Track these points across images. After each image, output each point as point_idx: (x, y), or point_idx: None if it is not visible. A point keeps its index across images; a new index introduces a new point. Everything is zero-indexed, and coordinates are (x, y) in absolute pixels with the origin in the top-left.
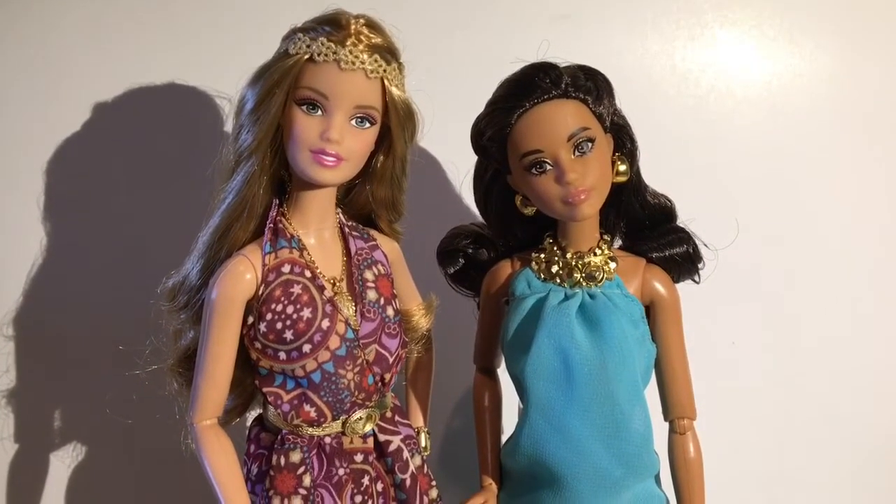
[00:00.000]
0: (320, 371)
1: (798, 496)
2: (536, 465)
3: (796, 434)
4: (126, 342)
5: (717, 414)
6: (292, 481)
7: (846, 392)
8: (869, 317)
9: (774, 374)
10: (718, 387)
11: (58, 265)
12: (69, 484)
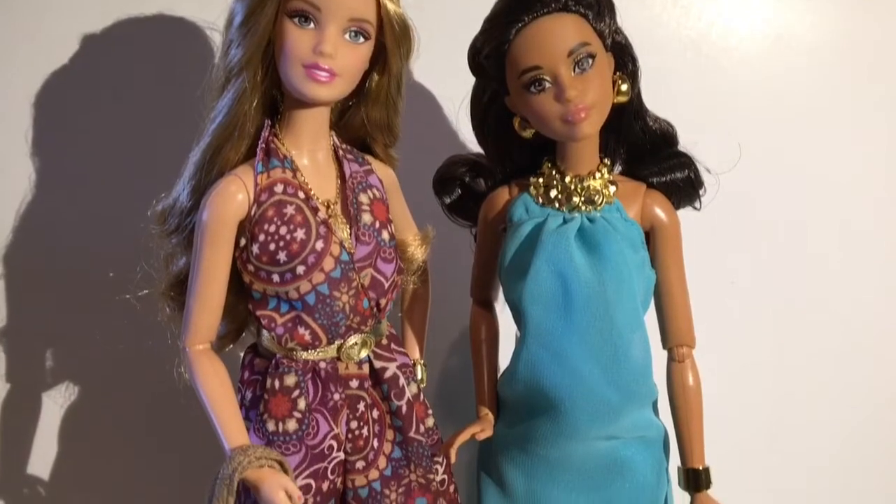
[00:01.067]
0: (314, 293)
1: (798, 432)
2: (534, 393)
3: (796, 373)
4: (117, 269)
5: (717, 352)
6: (287, 405)
7: (847, 330)
8: (872, 252)
9: (774, 314)
10: (717, 326)
11: (47, 199)
12: (62, 424)
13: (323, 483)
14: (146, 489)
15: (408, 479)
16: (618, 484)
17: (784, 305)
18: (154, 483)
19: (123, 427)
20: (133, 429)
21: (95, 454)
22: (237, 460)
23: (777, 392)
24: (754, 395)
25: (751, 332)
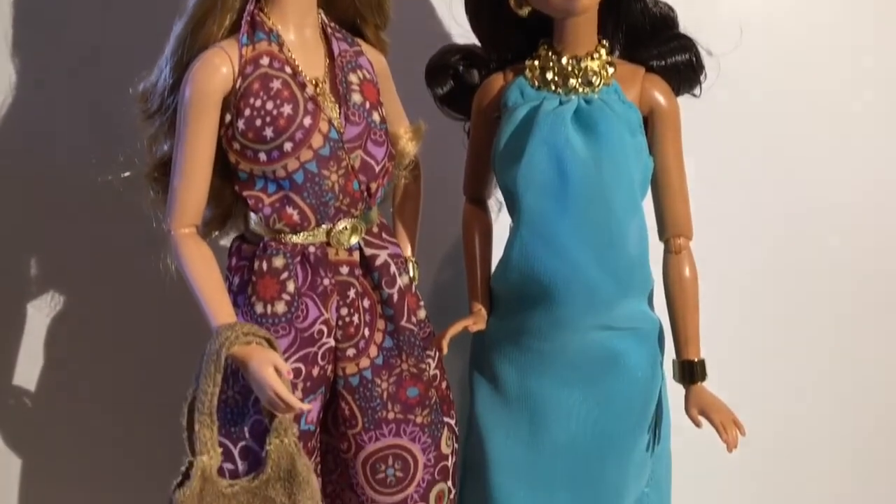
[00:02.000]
0: (303, 171)
1: (794, 323)
2: (527, 282)
3: (794, 280)
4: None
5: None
6: (275, 286)
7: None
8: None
9: (772, 219)
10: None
11: (24, 94)
12: (48, 333)
13: (313, 368)
14: (135, 389)
15: (399, 369)
16: (612, 377)
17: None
18: (143, 381)
19: (111, 328)
20: (122, 328)
21: (83, 360)
22: (224, 335)
23: (776, 292)
24: (751, 295)
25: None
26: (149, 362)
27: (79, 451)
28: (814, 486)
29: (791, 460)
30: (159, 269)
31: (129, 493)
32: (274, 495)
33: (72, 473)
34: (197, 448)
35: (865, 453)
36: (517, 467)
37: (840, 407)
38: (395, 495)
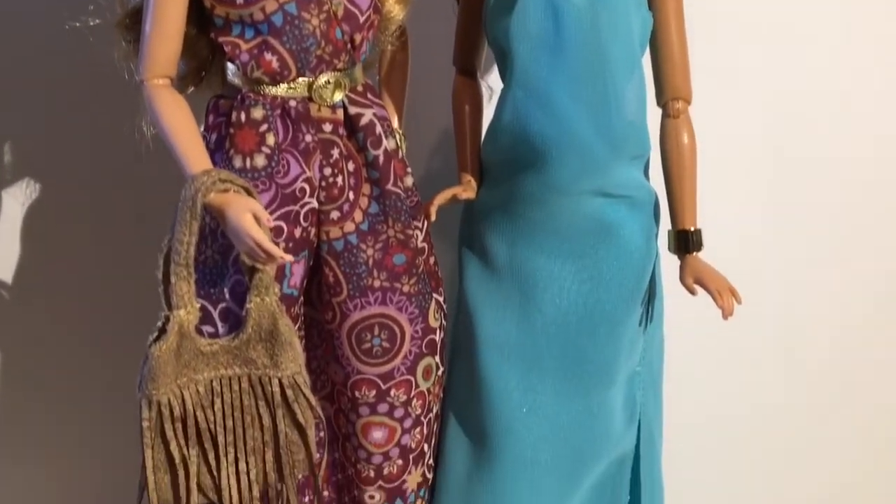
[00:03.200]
0: (281, 13)
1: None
2: (519, 145)
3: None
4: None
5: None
6: (254, 138)
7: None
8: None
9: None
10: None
11: None
12: (24, 223)
13: (295, 229)
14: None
15: (385, 235)
16: (605, 249)
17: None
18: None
19: (87, 198)
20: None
21: (55, 240)
22: (199, 181)
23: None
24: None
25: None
26: (126, 236)
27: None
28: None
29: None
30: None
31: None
32: (255, 357)
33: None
34: (173, 302)
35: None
36: (506, 345)
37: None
38: (382, 366)
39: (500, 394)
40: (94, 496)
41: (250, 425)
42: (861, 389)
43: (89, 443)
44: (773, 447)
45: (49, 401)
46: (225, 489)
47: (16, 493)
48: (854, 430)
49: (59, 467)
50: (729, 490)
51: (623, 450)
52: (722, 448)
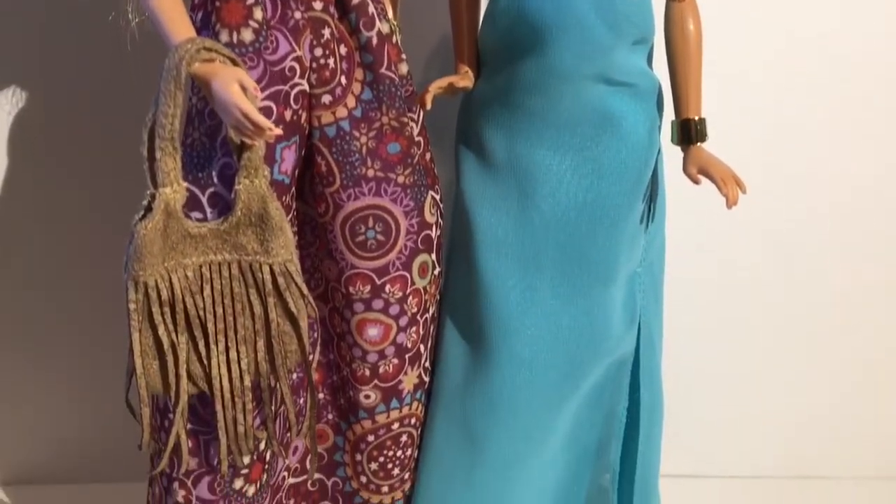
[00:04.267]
0: None
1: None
2: (517, 28)
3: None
4: None
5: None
6: (241, 11)
7: None
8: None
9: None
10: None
11: None
12: (11, 131)
13: (285, 111)
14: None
15: (379, 123)
16: (606, 140)
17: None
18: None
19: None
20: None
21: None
22: (183, 49)
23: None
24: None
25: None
26: (110, 125)
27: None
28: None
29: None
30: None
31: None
32: (245, 242)
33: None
34: (159, 179)
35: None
36: (504, 243)
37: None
38: (376, 261)
39: (497, 293)
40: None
41: (241, 314)
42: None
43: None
44: (774, 349)
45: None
46: (215, 378)
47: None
48: (855, 328)
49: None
50: (728, 393)
51: (623, 352)
52: (722, 352)
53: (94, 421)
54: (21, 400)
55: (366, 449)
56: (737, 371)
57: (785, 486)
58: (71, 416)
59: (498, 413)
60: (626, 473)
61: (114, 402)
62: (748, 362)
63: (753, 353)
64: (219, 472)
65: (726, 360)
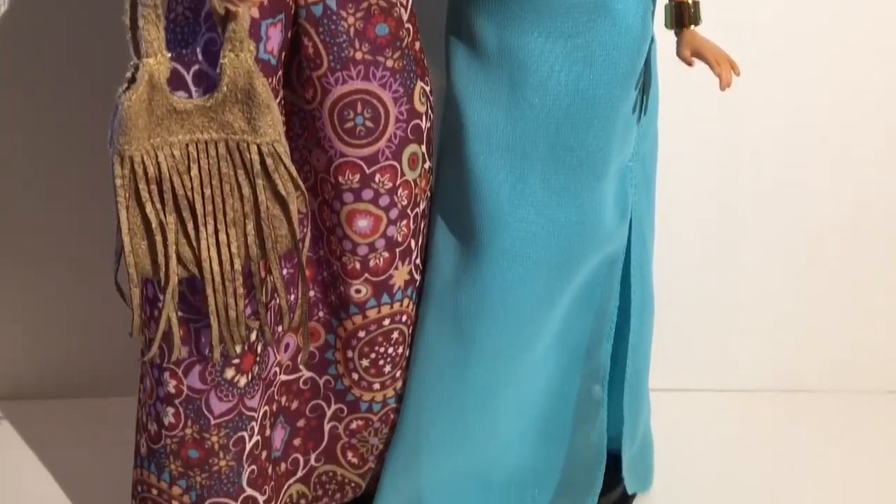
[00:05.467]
0: None
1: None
2: None
3: None
4: None
5: None
6: None
7: None
8: None
9: None
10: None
11: None
12: None
13: None
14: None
15: (367, 2)
16: (598, 26)
17: None
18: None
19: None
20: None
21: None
22: None
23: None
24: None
25: None
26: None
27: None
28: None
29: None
30: None
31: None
32: (232, 120)
33: None
34: (142, 49)
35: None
36: (495, 135)
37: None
38: (365, 148)
39: (488, 186)
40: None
41: (229, 195)
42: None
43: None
44: (766, 261)
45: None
46: (205, 261)
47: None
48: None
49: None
50: (718, 306)
51: (614, 248)
52: (712, 264)
53: (86, 335)
54: (10, 314)
55: (357, 345)
56: (727, 283)
57: (775, 400)
58: (61, 330)
59: (489, 309)
60: (616, 378)
61: (106, 316)
62: (739, 274)
63: (744, 265)
64: (210, 361)
65: (717, 271)
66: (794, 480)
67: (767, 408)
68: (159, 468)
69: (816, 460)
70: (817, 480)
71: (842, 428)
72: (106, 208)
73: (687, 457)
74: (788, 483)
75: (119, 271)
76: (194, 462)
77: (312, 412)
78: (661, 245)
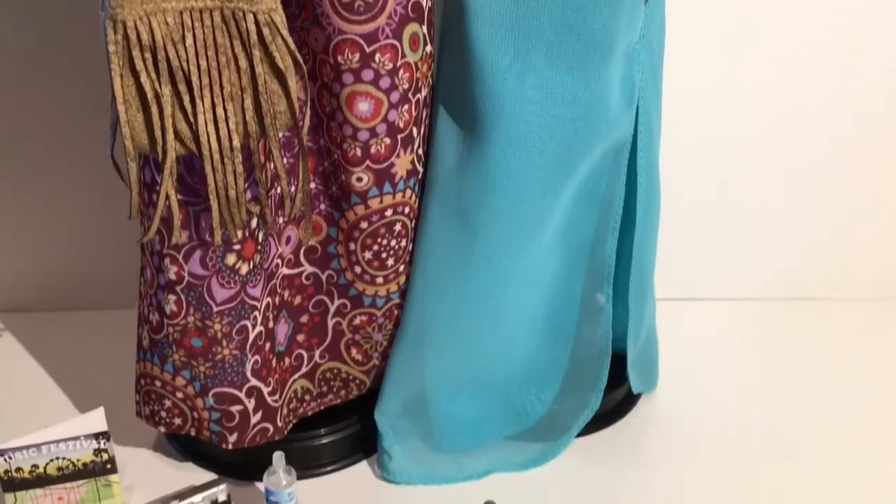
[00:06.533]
0: None
1: None
2: None
3: None
4: None
5: None
6: None
7: None
8: None
9: None
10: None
11: None
12: None
13: None
14: None
15: None
16: None
17: None
18: None
19: None
20: None
21: None
22: None
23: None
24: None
25: None
26: None
27: None
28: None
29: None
30: None
31: None
32: None
33: None
34: None
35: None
36: (499, 14)
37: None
38: (364, 25)
39: (492, 70)
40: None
41: (226, 67)
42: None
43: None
44: (770, 167)
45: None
46: (203, 136)
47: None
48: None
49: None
50: (722, 214)
51: (620, 136)
52: (717, 169)
53: (84, 249)
54: (9, 227)
55: (359, 237)
56: (731, 191)
57: (780, 308)
58: (60, 244)
59: (492, 197)
60: (621, 274)
61: (104, 230)
62: (743, 181)
63: (749, 171)
64: (211, 246)
65: (721, 178)
66: (795, 384)
67: (768, 316)
68: (162, 359)
69: (816, 365)
70: (816, 384)
71: (840, 334)
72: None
73: (691, 362)
74: (789, 386)
75: (116, 146)
76: (197, 351)
77: (315, 308)
78: (664, 155)
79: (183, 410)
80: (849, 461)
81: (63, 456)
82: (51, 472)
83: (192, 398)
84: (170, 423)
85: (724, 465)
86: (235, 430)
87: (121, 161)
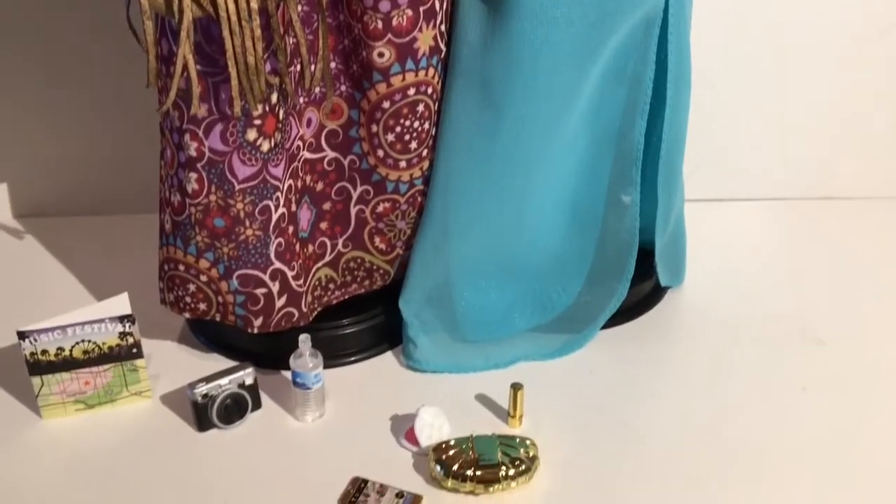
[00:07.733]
0: None
1: None
2: None
3: None
4: None
5: None
6: None
7: None
8: None
9: None
10: None
11: None
12: None
13: None
14: None
15: None
16: None
17: None
18: None
19: None
20: None
21: None
22: None
23: None
24: None
25: None
26: None
27: None
28: None
29: None
30: None
31: None
32: None
33: None
34: None
35: None
36: None
37: None
38: None
39: None
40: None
41: None
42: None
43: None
44: (797, 69)
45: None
46: None
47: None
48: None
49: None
50: (751, 114)
51: (651, 7)
52: (745, 71)
53: (104, 157)
54: (34, 133)
55: (381, 118)
56: (759, 91)
57: (809, 207)
58: (83, 148)
59: (517, 73)
60: (650, 158)
61: (124, 137)
62: (772, 82)
63: (777, 71)
64: (231, 119)
65: (749, 79)
66: (825, 280)
67: (797, 215)
68: (185, 241)
69: (844, 262)
70: (845, 280)
71: (868, 232)
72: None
73: (720, 260)
74: (819, 283)
75: (130, 7)
76: (220, 231)
77: (338, 195)
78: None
79: (207, 294)
80: (880, 350)
81: (88, 339)
82: (77, 355)
83: (216, 281)
84: (195, 308)
85: (752, 356)
86: (261, 314)
87: (136, 23)
